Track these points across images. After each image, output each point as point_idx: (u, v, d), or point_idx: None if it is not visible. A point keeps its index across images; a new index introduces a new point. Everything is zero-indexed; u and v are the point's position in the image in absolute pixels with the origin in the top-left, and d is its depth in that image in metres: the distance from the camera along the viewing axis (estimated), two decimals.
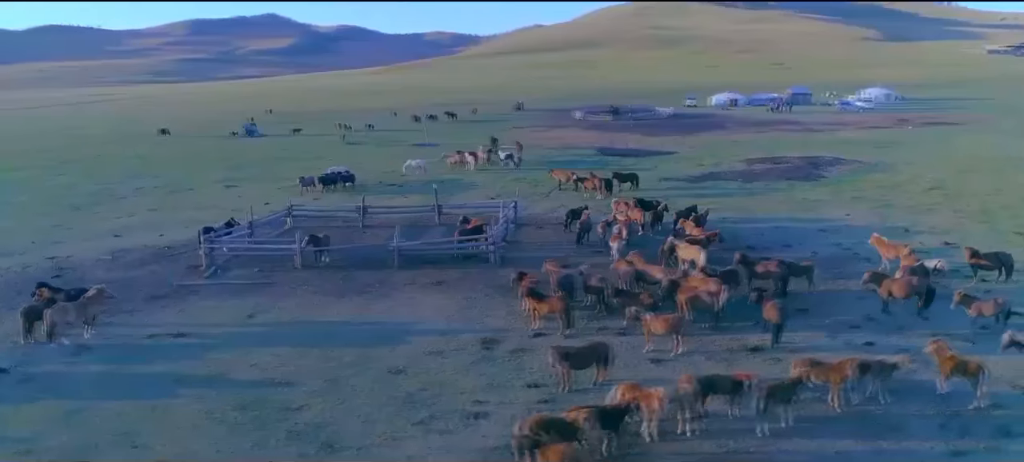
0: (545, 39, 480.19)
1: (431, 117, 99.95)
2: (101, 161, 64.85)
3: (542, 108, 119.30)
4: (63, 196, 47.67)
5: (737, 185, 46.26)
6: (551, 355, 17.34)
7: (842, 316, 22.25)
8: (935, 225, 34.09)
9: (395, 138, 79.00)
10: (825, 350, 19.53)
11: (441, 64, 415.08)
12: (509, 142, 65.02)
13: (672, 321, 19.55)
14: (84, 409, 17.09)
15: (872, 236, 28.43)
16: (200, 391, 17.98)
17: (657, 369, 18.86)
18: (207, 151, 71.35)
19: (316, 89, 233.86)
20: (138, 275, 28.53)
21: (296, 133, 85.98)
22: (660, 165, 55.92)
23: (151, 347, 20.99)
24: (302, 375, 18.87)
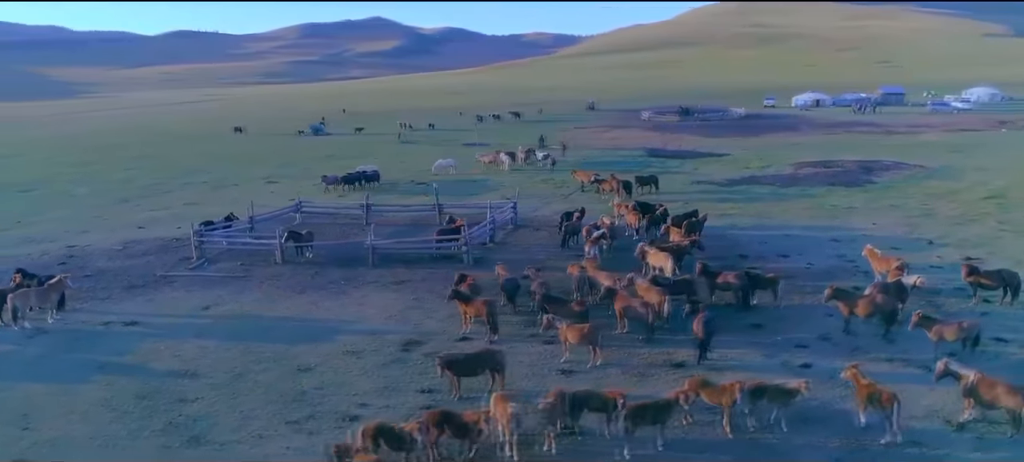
0: (642, 38, 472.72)
1: (495, 117, 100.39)
2: (168, 157, 69.07)
3: (614, 108, 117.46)
4: (118, 189, 51.00)
5: (771, 190, 43.78)
6: (437, 363, 16.84)
7: (795, 334, 20.56)
8: (967, 238, 30.94)
9: (450, 138, 79.84)
10: (758, 369, 18.21)
11: (535, 65, 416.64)
12: (557, 142, 64.34)
13: (586, 331, 18.62)
14: (1, 390, 18.09)
15: (865, 248, 26.09)
16: (113, 378, 18.68)
17: (564, 380, 17.99)
18: (267, 149, 74.57)
19: (406, 89, 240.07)
20: (133, 265, 30.06)
21: (358, 132, 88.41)
22: (701, 167, 53.73)
23: (98, 334, 22.02)
24: (214, 368, 19.25)
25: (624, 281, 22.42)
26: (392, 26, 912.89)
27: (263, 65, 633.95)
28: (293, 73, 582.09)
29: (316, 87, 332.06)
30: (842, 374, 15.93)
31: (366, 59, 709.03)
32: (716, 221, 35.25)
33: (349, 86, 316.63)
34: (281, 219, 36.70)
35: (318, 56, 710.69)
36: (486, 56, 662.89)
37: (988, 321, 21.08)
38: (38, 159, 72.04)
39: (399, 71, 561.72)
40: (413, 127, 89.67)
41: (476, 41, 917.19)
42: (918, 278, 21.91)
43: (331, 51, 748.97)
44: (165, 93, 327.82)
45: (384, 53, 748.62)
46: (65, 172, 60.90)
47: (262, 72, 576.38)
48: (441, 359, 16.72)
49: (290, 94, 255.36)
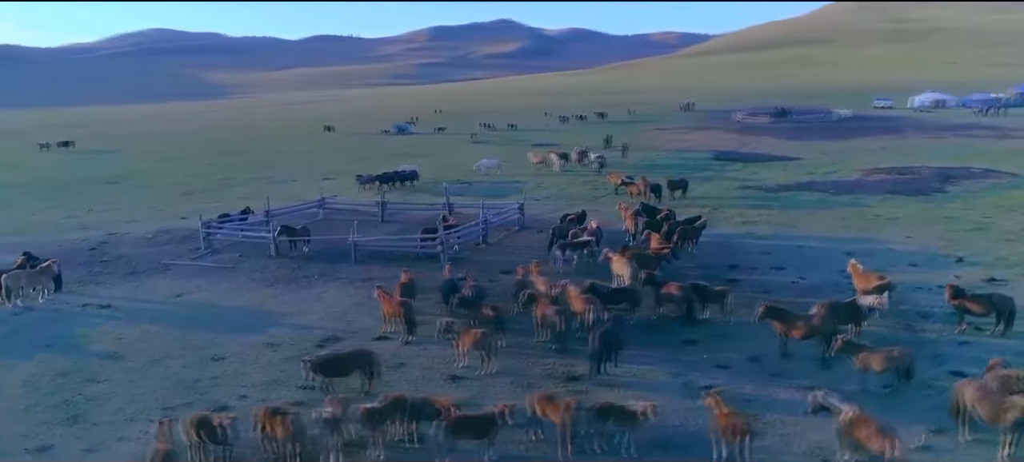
0: (772, 36, 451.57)
1: (580, 118, 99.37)
2: (249, 154, 73.57)
3: (711, 109, 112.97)
4: (190, 182, 54.91)
5: (819, 197, 40.67)
6: (303, 366, 16.75)
7: (726, 353, 18.95)
8: (1006, 257, 27.26)
9: (523, 138, 79.83)
10: (655, 389, 16.96)
11: (655, 64, 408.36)
12: (621, 144, 62.88)
13: (477, 338, 18.03)
14: None
15: (850, 263, 23.57)
16: (49, 356, 20.11)
17: (451, 385, 17.57)
18: (344, 147, 77.67)
19: (516, 89, 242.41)
20: (149, 252, 32.29)
21: (439, 131, 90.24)
22: (760, 172, 50.64)
23: (68, 315, 23.80)
24: (141, 351, 20.29)
25: (558, 288, 21.54)
26: (517, 28, 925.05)
27: (392, 67, 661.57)
28: (420, 75, 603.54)
29: (434, 88, 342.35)
30: (704, 400, 14.49)
31: (489, 61, 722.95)
32: (735, 228, 33.46)
33: (465, 87, 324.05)
34: (303, 215, 38.15)
35: (444, 58, 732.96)
36: (610, 56, 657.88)
37: (966, 351, 18.63)
38: (137, 154, 78.86)
39: (521, 72, 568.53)
40: (493, 127, 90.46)
41: (600, 41, 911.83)
42: (877, 298, 19.49)
43: (457, 53, 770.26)
44: (293, 94, 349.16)
45: (507, 55, 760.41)
46: (154, 167, 66.33)
47: (390, 74, 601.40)
48: (307, 362, 16.61)
49: (407, 94, 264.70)
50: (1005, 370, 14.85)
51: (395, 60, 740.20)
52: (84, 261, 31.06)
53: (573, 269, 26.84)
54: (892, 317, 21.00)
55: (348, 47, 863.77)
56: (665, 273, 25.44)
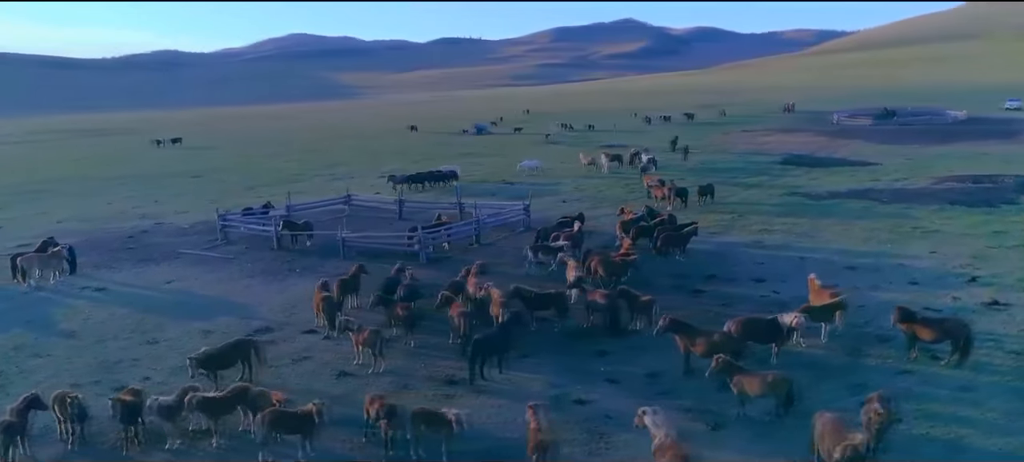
0: (913, 32, 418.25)
1: (665, 119, 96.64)
2: (328, 151, 76.99)
3: (812, 110, 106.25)
4: (259, 177, 58.25)
5: (864, 205, 37.42)
6: (188, 363, 17.24)
7: (627, 367, 18.00)
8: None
9: (595, 139, 78.66)
10: (521, 398, 16.31)
11: (781, 62, 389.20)
12: (685, 145, 60.64)
13: (366, 337, 18.11)
14: None
15: (809, 277, 21.58)
16: (20, 332, 22.13)
17: (336, 381, 17.81)
18: (419, 146, 79.58)
19: (626, 90, 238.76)
20: (175, 241, 34.73)
21: (516, 132, 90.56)
22: (823, 177, 47.22)
23: (63, 295, 26.12)
24: (97, 331, 21.97)
25: (483, 290, 21.20)
26: (640, 27, 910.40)
27: (512, 68, 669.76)
28: (539, 75, 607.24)
29: (548, 89, 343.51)
30: (526, 416, 13.81)
31: (610, 61, 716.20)
32: (747, 236, 31.73)
33: (575, 87, 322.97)
34: (327, 211, 39.61)
35: (565, 59, 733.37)
36: (737, 55, 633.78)
37: (900, 381, 16.75)
38: (233, 151, 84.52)
39: (641, 72, 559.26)
40: (572, 127, 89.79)
41: (728, 40, 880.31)
42: (796, 317, 17.70)
43: (578, 54, 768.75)
44: (412, 95, 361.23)
45: (628, 55, 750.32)
46: (239, 163, 70.84)
47: (510, 75, 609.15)
48: (192, 359, 17.15)
49: (515, 96, 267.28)
50: (878, 406, 13.15)
51: (516, 61, 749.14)
52: (115, 247, 33.86)
53: (548, 271, 26.37)
54: (843, 338, 19.19)
55: (472, 49, 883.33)
56: (632, 280, 24.58)
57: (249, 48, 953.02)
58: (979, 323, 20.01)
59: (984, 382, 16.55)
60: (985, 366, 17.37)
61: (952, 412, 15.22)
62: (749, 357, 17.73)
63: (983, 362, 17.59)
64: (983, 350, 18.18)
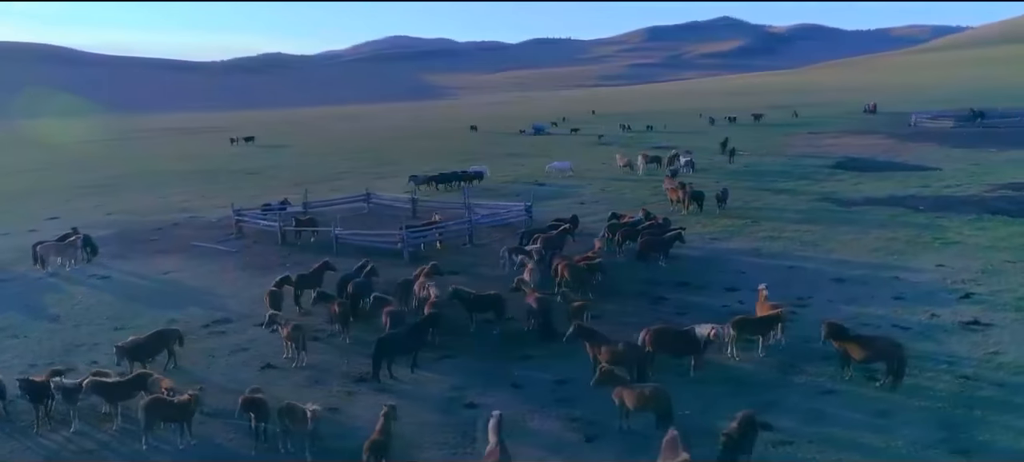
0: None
1: (730, 119, 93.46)
2: (382, 150, 78.80)
3: (895, 111, 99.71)
4: (308, 174, 60.25)
5: (891, 213, 35.00)
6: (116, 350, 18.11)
7: (538, 373, 17.70)
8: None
9: (649, 140, 77.00)
10: (432, 398, 16.51)
11: (888, 60, 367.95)
12: (731, 147, 58.60)
13: (288, 331, 18.61)
14: None
15: (759, 287, 20.45)
16: (10, 314, 24.01)
17: (260, 373, 18.37)
18: (472, 145, 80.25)
19: (709, 90, 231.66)
20: (197, 233, 36.68)
21: (573, 132, 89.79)
22: (864, 183, 44.43)
23: (70, 280, 28.18)
24: (77, 315, 23.69)
25: (425, 290, 21.31)
26: (738, 26, 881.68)
27: (602, 68, 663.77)
28: (630, 75, 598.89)
29: (637, 89, 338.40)
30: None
31: (704, 61, 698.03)
32: (748, 243, 30.61)
33: (663, 87, 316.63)
34: (347, 207, 40.72)
35: (657, 59, 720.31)
36: (842, 53, 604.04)
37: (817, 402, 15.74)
38: (299, 149, 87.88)
39: (737, 71, 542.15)
40: (630, 128, 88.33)
41: (832, 37, 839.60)
42: (712, 329, 16.80)
43: (671, 53, 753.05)
44: (497, 95, 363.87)
45: (724, 54, 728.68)
46: (295, 160, 73.67)
47: (600, 75, 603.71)
48: (119, 347, 18.00)
49: (600, 96, 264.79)
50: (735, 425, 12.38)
51: (606, 61, 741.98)
52: (140, 239, 36.06)
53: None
54: (784, 353, 18.20)
55: (564, 49, 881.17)
56: (600, 284, 24.14)
57: (349, 50, 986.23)
58: (947, 343, 18.59)
59: (911, 407, 15.27)
60: (923, 390, 16.03)
61: (854, 438, 14.15)
62: (667, 368, 17.14)
63: (923, 386, 16.24)
64: (932, 372, 16.86)
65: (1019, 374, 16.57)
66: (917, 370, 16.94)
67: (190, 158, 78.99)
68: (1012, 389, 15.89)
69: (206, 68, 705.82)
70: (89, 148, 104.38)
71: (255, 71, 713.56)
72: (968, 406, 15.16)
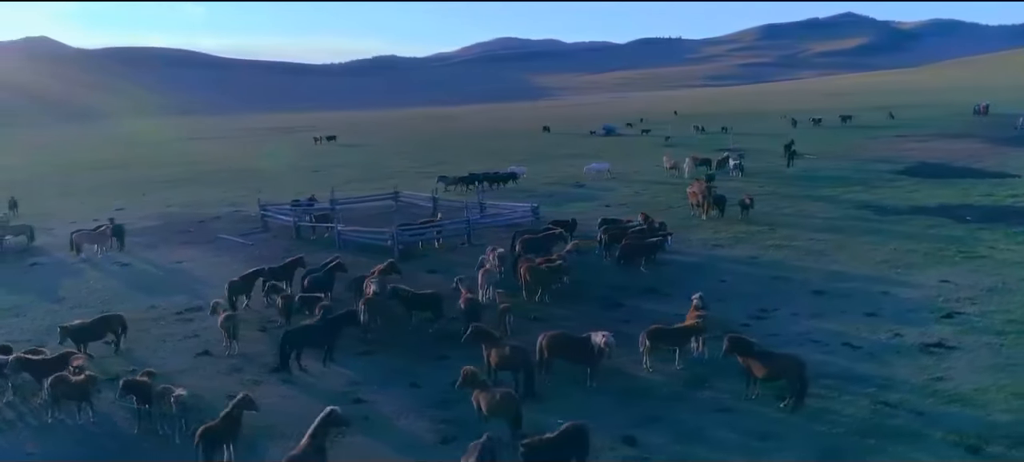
0: None
1: (815, 121, 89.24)
2: (448, 149, 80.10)
3: (1007, 112, 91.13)
4: (364, 171, 62.37)
5: (925, 224, 32.39)
6: (59, 331, 19.50)
7: (438, 373, 17.62)
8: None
9: (720, 142, 74.24)
10: (328, 393, 16.90)
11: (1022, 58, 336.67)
12: (792, 150, 55.75)
13: (221, 320, 19.52)
14: None
15: (694, 296, 19.44)
16: (23, 295, 26.38)
17: (193, 360, 19.38)
18: (537, 145, 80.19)
19: (818, 90, 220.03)
20: (228, 227, 38.80)
21: (644, 134, 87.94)
22: (922, 190, 41.22)
23: (91, 265, 30.62)
24: (74, 300, 25.62)
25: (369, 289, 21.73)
26: (861, 22, 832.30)
27: (711, 68, 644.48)
28: (741, 75, 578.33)
29: (746, 89, 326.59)
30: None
31: (822, 59, 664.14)
32: (748, 250, 29.10)
33: (770, 87, 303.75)
34: (375, 205, 41.91)
35: (771, 58, 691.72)
36: (978, 49, 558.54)
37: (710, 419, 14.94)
38: (372, 148, 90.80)
39: (858, 70, 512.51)
40: (704, 130, 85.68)
41: (968, 33, 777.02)
42: (602, 337, 16.13)
43: (786, 52, 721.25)
44: (592, 96, 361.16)
45: (845, 52, 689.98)
46: (363, 158, 76.19)
47: (708, 75, 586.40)
48: (62, 328, 19.39)
49: (700, 96, 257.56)
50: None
51: (716, 61, 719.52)
52: (178, 230, 38.56)
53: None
54: (705, 366, 17.32)
55: (672, 49, 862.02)
56: (564, 287, 23.81)
57: (459, 52, 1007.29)
58: (891, 365, 17.16)
59: (803, 431, 14.21)
60: (829, 414, 14.88)
61: (717, 460, 13.28)
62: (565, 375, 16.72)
63: (832, 409, 15.07)
64: (852, 395, 15.64)
65: (950, 403, 15.01)
66: (836, 392, 15.73)
67: (267, 156, 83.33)
68: (930, 419, 14.42)
69: (324, 70, 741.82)
70: (184, 145, 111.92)
71: (368, 73, 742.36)
72: (865, 434, 13.90)
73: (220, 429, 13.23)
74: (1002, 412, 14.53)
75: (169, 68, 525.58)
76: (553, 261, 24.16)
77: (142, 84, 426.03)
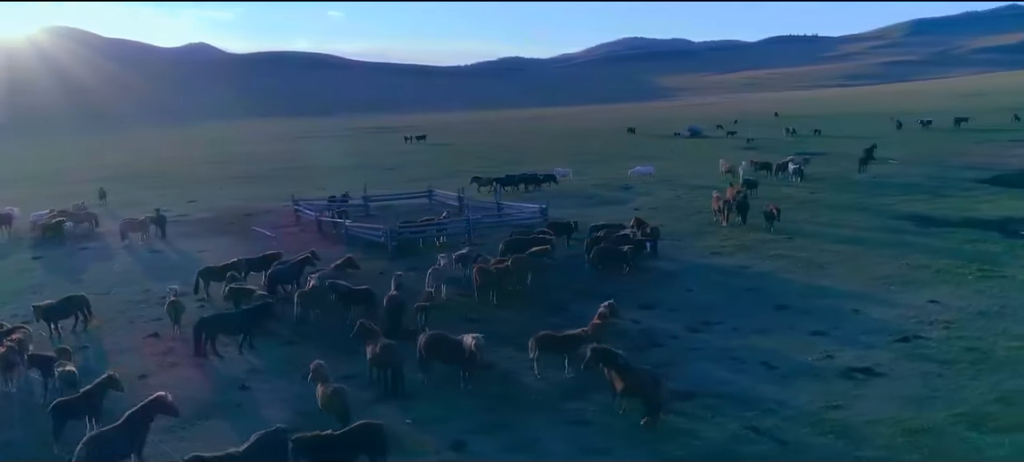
0: None
1: (925, 123, 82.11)
2: (527, 151, 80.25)
3: None
4: (434, 169, 63.58)
5: (970, 238, 29.16)
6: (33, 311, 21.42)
7: (346, 366, 17.95)
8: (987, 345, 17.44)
9: (807, 145, 69.94)
10: (222, 380, 17.84)
11: None
12: (867, 155, 51.82)
13: (166, 308, 20.90)
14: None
15: (606, 302, 18.63)
16: (57, 275, 29.33)
17: (141, 341, 20.85)
18: (616, 146, 78.76)
19: (952, 90, 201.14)
20: (267, 219, 41.05)
21: (730, 135, 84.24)
22: (998, 201, 37.28)
23: (130, 253, 33.49)
24: (88, 281, 27.94)
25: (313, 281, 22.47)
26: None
27: (850, 67, 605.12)
28: (882, 74, 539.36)
29: (886, 88, 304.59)
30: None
31: (978, 56, 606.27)
32: (745, 259, 27.70)
33: (909, 87, 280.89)
34: (410, 203, 43.03)
35: (919, 56, 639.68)
36: None
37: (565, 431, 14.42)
38: (453, 147, 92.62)
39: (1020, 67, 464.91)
40: (796, 132, 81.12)
41: None
42: (472, 339, 15.79)
43: (937, 49, 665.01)
44: (710, 97, 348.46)
45: (1007, 47, 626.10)
46: (440, 157, 77.91)
47: (846, 74, 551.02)
48: (35, 307, 21.34)
49: (829, 97, 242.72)
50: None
51: (856, 59, 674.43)
52: (223, 222, 41.31)
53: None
54: (587, 376, 16.58)
55: (807, 47, 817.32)
56: (522, 289, 23.65)
57: (583, 53, 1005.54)
58: (792, 387, 16.01)
59: (643, 451, 13.40)
60: (684, 434, 14.12)
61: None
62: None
63: (691, 429, 14.27)
64: (725, 417, 14.67)
65: (824, 435, 13.70)
66: (711, 413, 14.72)
67: (353, 154, 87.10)
68: (790, 449, 13.25)
69: (449, 72, 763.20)
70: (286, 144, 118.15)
71: (494, 75, 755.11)
72: (710, 458, 12.94)
73: (74, 404, 14.26)
74: (875, 448, 13.06)
75: (308, 71, 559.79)
76: (501, 263, 23.91)
77: (282, 87, 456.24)
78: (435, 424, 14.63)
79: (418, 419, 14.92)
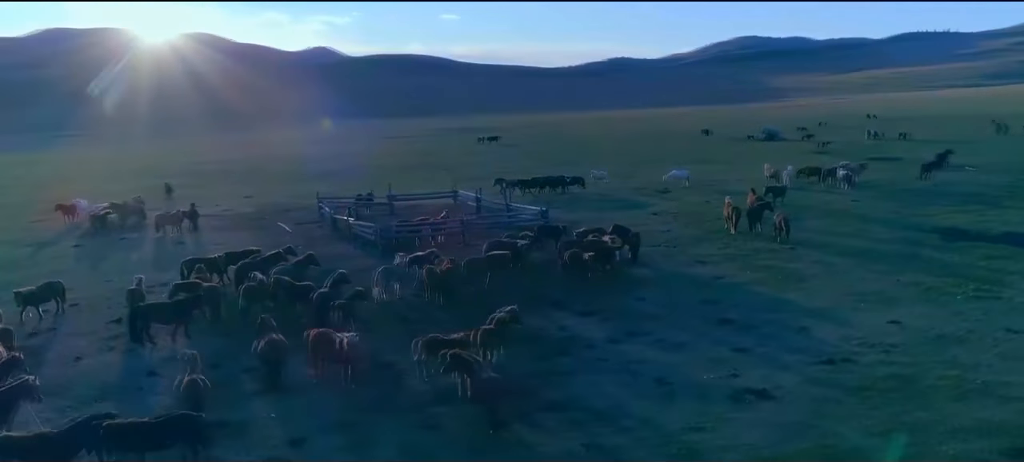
0: None
1: (1001, 128, 74.58)
2: (586, 153, 79.16)
3: None
4: (484, 169, 63.96)
5: (991, 254, 26.52)
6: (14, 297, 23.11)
7: (223, 369, 18.54)
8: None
9: (889, 150, 65.32)
10: (146, 365, 18.91)
11: None
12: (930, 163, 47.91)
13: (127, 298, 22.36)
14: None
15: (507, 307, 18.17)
16: (77, 264, 31.90)
17: (104, 327, 22.36)
18: (683, 148, 76.31)
19: None
20: (294, 216, 42.75)
21: (806, 138, 79.69)
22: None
23: (155, 243, 35.90)
24: (113, 269, 30.19)
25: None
26: None
27: (990, 65, 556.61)
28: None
29: (991, 90, 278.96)
30: None
31: None
32: (730, 269, 26.52)
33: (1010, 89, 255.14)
34: (433, 203, 43.66)
35: None
36: None
37: (409, 436, 14.42)
38: (531, 147, 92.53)
39: None
40: (880, 136, 75.77)
41: None
42: (346, 338, 15.97)
43: None
44: (820, 98, 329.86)
45: None
46: (497, 159, 78.07)
47: (985, 73, 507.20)
48: (17, 293, 22.95)
49: (961, 98, 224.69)
50: None
51: (997, 57, 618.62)
52: (264, 215, 43.32)
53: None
54: None
55: (940, 44, 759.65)
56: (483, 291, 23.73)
57: (693, 53, 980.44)
58: (675, 407, 15.29)
59: (472, 453, 13.10)
60: (524, 446, 13.76)
61: None
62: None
63: (536, 442, 14.11)
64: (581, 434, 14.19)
65: (667, 457, 12.94)
66: (567, 427, 14.28)
67: (421, 154, 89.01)
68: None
69: (557, 74, 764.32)
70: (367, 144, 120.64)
71: (601, 76, 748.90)
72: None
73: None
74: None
75: (417, 72, 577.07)
76: (449, 266, 23.87)
77: (392, 88, 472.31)
78: (291, 420, 14.91)
79: (281, 414, 15.26)
